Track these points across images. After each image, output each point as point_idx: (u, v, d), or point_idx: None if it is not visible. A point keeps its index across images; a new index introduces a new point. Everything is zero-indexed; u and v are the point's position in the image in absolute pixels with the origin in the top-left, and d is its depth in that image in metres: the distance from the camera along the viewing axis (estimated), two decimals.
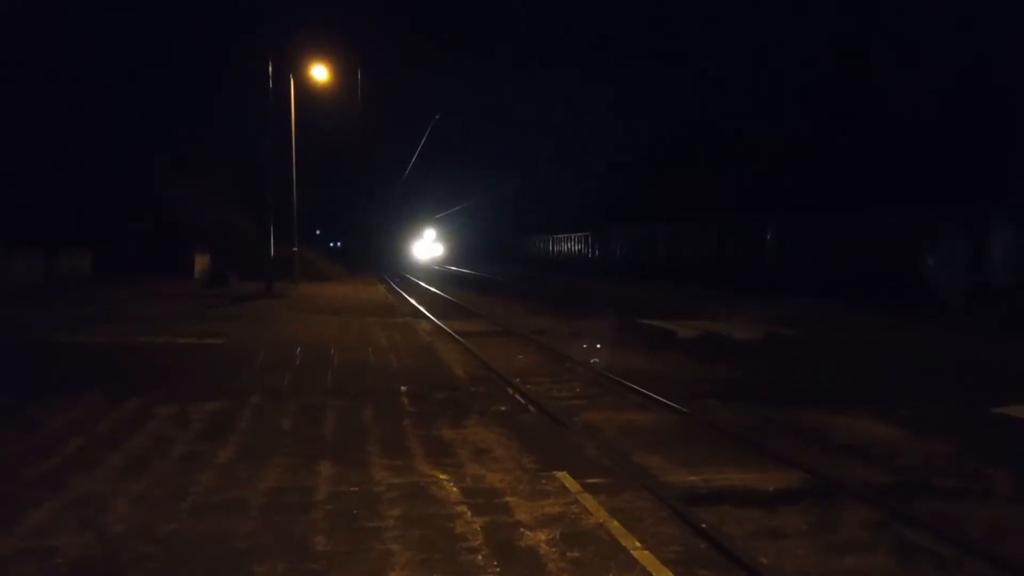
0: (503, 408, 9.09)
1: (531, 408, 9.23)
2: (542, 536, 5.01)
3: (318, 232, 71.74)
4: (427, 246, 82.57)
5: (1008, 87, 21.92)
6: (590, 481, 6.18)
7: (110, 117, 34.64)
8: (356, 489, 5.85)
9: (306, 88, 29.76)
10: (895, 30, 26.37)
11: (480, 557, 4.67)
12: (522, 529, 5.12)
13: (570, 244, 54.54)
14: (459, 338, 15.49)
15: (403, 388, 9.99)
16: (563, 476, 6.25)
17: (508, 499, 5.71)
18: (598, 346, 15.03)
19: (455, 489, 5.91)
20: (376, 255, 71.57)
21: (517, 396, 9.94)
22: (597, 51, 55.60)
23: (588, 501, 5.69)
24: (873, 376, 12.36)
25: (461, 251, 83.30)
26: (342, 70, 31.50)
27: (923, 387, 11.17)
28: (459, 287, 35.75)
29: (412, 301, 25.97)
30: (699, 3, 41.27)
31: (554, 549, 4.80)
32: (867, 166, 26.64)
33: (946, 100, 23.52)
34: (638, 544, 4.92)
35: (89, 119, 33.27)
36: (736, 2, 37.09)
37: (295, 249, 31.77)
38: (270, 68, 25.70)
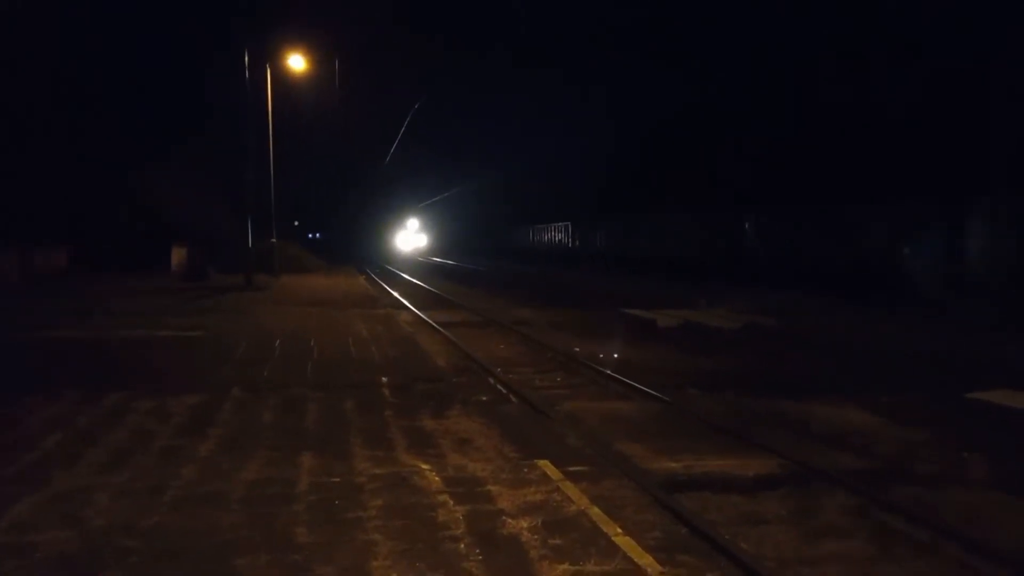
0: (485, 398, 9.11)
1: (513, 398, 9.26)
2: (524, 524, 5.04)
3: (296, 223, 70.99)
4: (410, 237, 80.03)
5: (988, 80, 22.12)
6: (572, 469, 6.22)
7: (86, 111, 34.22)
8: (338, 480, 5.86)
9: (285, 78, 29.55)
10: (878, 24, 26.50)
11: (462, 546, 4.69)
12: (504, 517, 5.15)
13: (551, 234, 54.54)
14: (441, 329, 15.48)
15: (384, 379, 9.98)
16: (545, 465, 6.28)
17: (490, 488, 5.74)
18: (579, 336, 15.07)
19: (437, 479, 5.93)
20: (356, 246, 70.52)
21: (499, 386, 9.96)
22: (584, 48, 55.48)
23: (570, 489, 5.72)
24: (851, 365, 12.47)
25: (446, 242, 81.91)
26: (322, 59, 31.33)
27: (901, 376, 11.29)
28: (441, 278, 35.71)
29: (394, 293, 25.91)
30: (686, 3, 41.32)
31: (536, 536, 4.83)
32: (848, 160, 26.83)
33: (929, 94, 23.70)
34: (619, 531, 4.96)
35: (65, 113, 32.85)
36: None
37: (274, 241, 31.59)
38: (247, 59, 25.49)
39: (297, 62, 28.33)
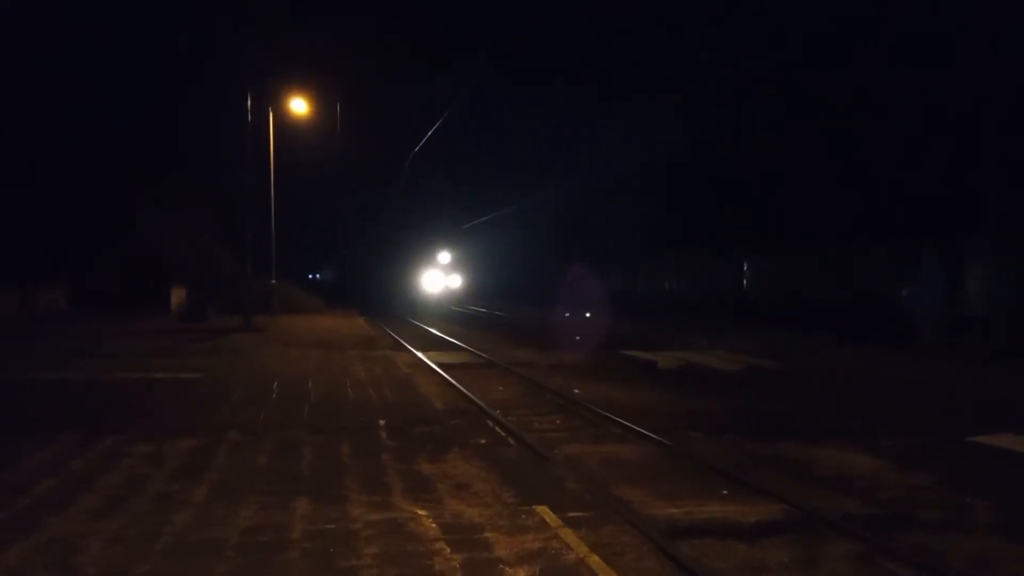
0: (483, 441, 9.03)
1: (511, 441, 9.17)
2: (522, 573, 4.94)
3: (296, 264, 69.86)
4: (439, 278, 63.93)
5: (982, 117, 22.35)
6: (571, 515, 6.13)
7: (88, 150, 34.43)
8: (333, 527, 5.76)
9: (286, 115, 29.64)
10: (872, 62, 26.86)
11: None
12: (502, 566, 5.06)
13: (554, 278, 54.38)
14: (439, 370, 15.40)
15: (382, 422, 9.90)
16: (543, 510, 6.19)
17: (488, 535, 5.65)
18: (579, 378, 14.98)
19: (434, 525, 5.84)
20: (370, 289, 58.47)
21: (498, 429, 9.88)
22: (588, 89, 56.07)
23: (569, 536, 5.63)
24: (852, 407, 12.40)
25: (488, 285, 68.70)
26: (326, 93, 31.54)
27: (901, 417, 11.21)
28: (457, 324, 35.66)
29: (392, 334, 25.85)
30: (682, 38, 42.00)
31: None
32: (846, 199, 27.02)
33: (924, 134, 23.94)
34: None
35: (67, 151, 33.06)
36: (712, 40, 37.80)
37: (273, 282, 31.59)
38: (249, 103, 25.72)
39: (299, 105, 28.50)
